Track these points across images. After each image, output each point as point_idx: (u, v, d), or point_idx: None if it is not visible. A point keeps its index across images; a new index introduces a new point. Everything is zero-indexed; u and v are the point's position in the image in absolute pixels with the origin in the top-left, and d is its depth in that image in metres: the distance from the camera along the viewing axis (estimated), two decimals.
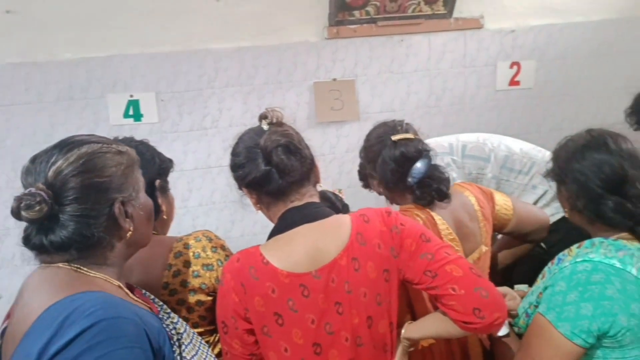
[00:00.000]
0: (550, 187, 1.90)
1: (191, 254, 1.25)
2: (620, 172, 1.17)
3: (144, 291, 1.07)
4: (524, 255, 1.73)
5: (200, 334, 1.20)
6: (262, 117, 1.17)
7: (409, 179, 1.42)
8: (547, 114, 3.23)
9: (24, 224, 0.90)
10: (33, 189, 0.86)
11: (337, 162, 3.04)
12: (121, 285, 0.94)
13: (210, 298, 1.25)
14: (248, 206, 1.23)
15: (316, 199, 1.17)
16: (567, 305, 1.11)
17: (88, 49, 2.68)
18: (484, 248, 1.50)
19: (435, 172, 1.46)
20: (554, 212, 1.89)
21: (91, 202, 0.90)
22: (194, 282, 1.23)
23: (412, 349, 1.21)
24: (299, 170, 1.11)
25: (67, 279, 0.88)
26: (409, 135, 1.45)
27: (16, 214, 0.86)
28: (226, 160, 3.09)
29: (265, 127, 1.14)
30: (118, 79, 2.72)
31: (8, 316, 0.96)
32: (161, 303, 1.07)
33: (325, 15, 2.81)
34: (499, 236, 1.78)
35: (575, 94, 3.23)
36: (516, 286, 1.50)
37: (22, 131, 2.70)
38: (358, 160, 2.95)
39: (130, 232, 0.95)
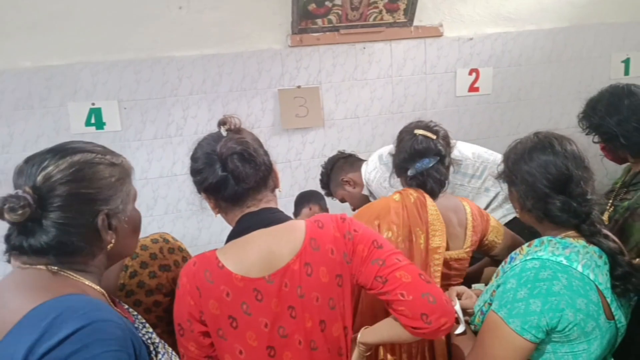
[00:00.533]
0: (502, 190, 1.99)
1: (148, 254, 1.25)
2: (565, 172, 1.23)
3: (118, 300, 1.07)
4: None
5: (159, 334, 1.20)
6: (221, 123, 1.18)
7: (411, 171, 1.55)
8: (504, 118, 3.35)
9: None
10: (20, 191, 0.86)
11: (303, 168, 3.06)
12: (104, 292, 0.95)
13: (167, 299, 1.24)
14: (210, 211, 1.24)
15: (273, 205, 1.19)
16: (517, 301, 1.14)
17: (48, 56, 2.63)
18: (463, 253, 1.59)
19: (435, 172, 1.55)
20: (505, 213, 1.97)
21: (75, 212, 0.90)
22: (151, 283, 1.23)
23: (368, 353, 1.24)
24: (253, 177, 1.12)
25: (51, 281, 0.88)
26: (430, 134, 1.56)
27: (1, 215, 0.85)
28: None
29: (223, 133, 1.15)
30: (79, 87, 2.68)
31: None
32: (135, 313, 1.07)
33: (288, 23, 2.85)
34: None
35: (530, 99, 3.36)
36: (473, 285, 1.56)
37: None
38: None
39: (111, 245, 0.96)
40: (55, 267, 0.90)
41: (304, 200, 2.68)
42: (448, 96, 3.21)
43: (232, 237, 1.15)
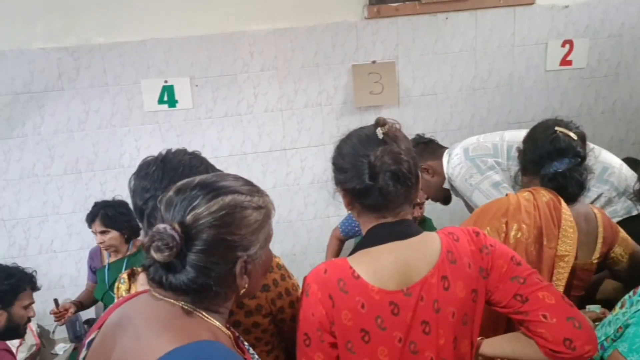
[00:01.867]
0: (606, 191, 1.80)
1: None
2: None
3: (240, 338, 1.03)
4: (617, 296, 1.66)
5: (257, 354, 1.14)
6: (380, 124, 1.09)
7: (548, 168, 1.45)
8: (599, 95, 3.03)
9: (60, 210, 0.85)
10: (168, 229, 0.83)
11: None
12: (230, 335, 0.93)
13: (266, 320, 1.18)
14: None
15: (409, 217, 1.12)
16: (638, 337, 1.06)
17: (120, 33, 2.60)
18: (590, 263, 1.48)
19: (577, 175, 1.45)
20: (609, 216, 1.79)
21: (217, 257, 0.87)
22: (250, 304, 1.16)
23: None
24: (401, 197, 1.07)
25: (186, 321, 0.86)
26: (572, 134, 1.46)
27: (147, 249, 0.85)
28: (261, 146, 3.02)
29: (379, 135, 1.07)
30: (151, 63, 2.64)
31: (98, 327, 0.93)
32: (252, 352, 1.03)
33: None
34: None
35: (629, 74, 3.02)
36: (588, 307, 1.41)
37: (55, 118, 2.66)
38: None
39: (244, 290, 0.93)
40: (190, 306, 0.88)
41: None
42: (537, 71, 2.93)
43: (364, 245, 1.09)
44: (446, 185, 2.15)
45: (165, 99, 2.67)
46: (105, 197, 2.70)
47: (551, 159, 1.44)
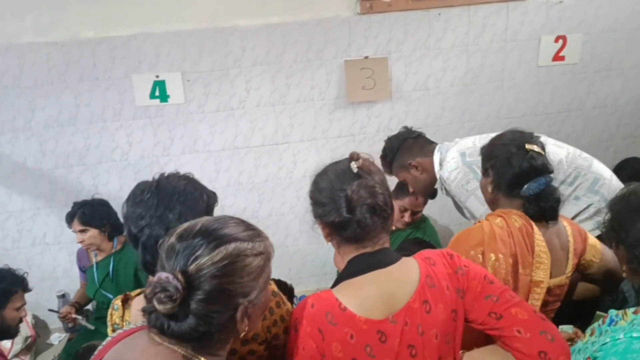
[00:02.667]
0: (596, 202, 1.82)
1: None
2: None
3: None
4: (593, 296, 1.69)
5: None
6: (354, 158, 1.13)
7: (527, 190, 1.43)
8: (591, 90, 3.04)
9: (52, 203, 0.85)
10: (171, 278, 0.84)
11: (367, 142, 2.93)
12: None
13: (262, 347, 1.20)
14: (270, 184, 1.17)
15: (387, 245, 1.16)
16: None
17: (110, 27, 2.57)
18: (564, 279, 1.49)
19: (552, 191, 1.45)
20: (593, 227, 1.80)
21: (219, 305, 0.88)
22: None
23: None
24: (378, 228, 1.11)
25: None
26: (541, 150, 1.46)
27: (149, 300, 0.85)
28: (254, 141, 3.02)
29: (354, 169, 1.11)
30: (142, 58, 2.62)
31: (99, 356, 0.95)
32: None
33: None
34: None
35: (622, 69, 3.02)
36: (560, 327, 1.44)
37: (46, 112, 2.65)
38: None
39: (244, 333, 0.95)
40: (190, 352, 0.89)
41: None
42: (529, 66, 2.93)
43: (346, 276, 1.12)
44: (437, 186, 2.17)
45: (157, 93, 2.66)
46: (97, 191, 2.71)
47: (528, 179, 1.42)
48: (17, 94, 2.60)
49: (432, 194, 2.31)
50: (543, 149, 1.47)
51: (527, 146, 1.43)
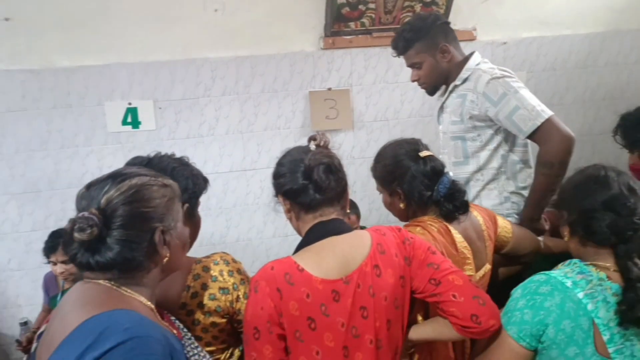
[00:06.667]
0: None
1: (208, 276, 1.29)
2: (618, 194, 1.23)
3: (173, 318, 1.13)
4: (515, 274, 1.80)
5: (211, 352, 1.25)
6: (312, 138, 1.27)
7: (437, 193, 1.49)
8: None
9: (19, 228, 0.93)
10: (87, 213, 0.93)
11: None
12: (152, 307, 1.01)
13: (224, 320, 1.28)
14: (236, 209, 1.28)
15: (341, 217, 1.27)
16: (516, 310, 1.22)
17: (85, 56, 2.69)
18: (488, 266, 1.57)
19: (458, 186, 1.53)
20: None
21: (136, 229, 0.98)
22: (210, 305, 1.27)
23: (412, 350, 1.32)
24: (333, 190, 1.21)
25: (105, 296, 0.95)
26: (431, 153, 1.53)
27: (69, 234, 0.93)
28: (222, 167, 3.13)
29: (312, 147, 1.25)
30: (116, 86, 2.74)
31: (47, 321, 1.02)
32: (186, 330, 1.13)
33: (321, 25, 2.86)
34: None
35: (563, 104, 3.31)
36: None
37: (17, 137, 2.71)
38: (352, 168, 3.02)
39: (166, 258, 1.03)
40: (114, 282, 0.97)
41: None
42: None
43: (305, 244, 1.22)
44: (458, 82, 2.04)
45: (129, 120, 2.76)
46: (66, 216, 2.73)
47: (435, 183, 1.49)
48: None
49: (434, 89, 2.17)
50: (428, 149, 1.55)
51: (421, 154, 1.50)
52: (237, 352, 1.34)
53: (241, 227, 3.06)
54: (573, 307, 1.17)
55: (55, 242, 2.38)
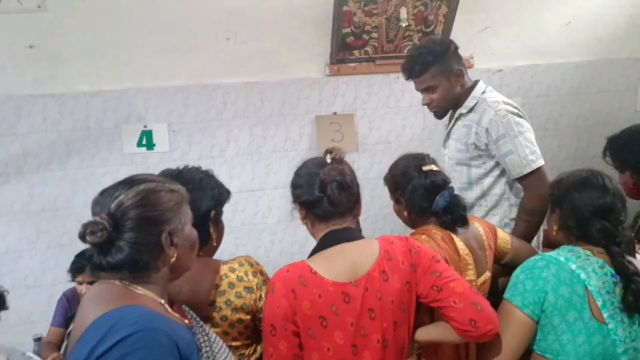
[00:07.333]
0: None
1: (235, 276, 1.40)
2: (609, 203, 1.40)
3: (183, 307, 1.22)
4: None
5: (237, 347, 1.37)
6: (328, 151, 1.41)
7: (436, 205, 1.58)
8: None
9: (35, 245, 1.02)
10: (98, 218, 1.02)
11: None
12: (163, 302, 1.10)
13: (249, 317, 1.39)
14: (251, 227, 1.40)
15: (353, 226, 1.39)
16: (518, 284, 1.38)
17: (104, 81, 2.84)
18: (488, 274, 1.67)
19: (458, 200, 1.62)
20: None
21: (144, 232, 1.05)
22: (237, 302, 1.38)
23: (419, 350, 1.42)
24: (345, 205, 1.33)
25: (118, 294, 1.04)
26: (436, 167, 1.63)
27: (82, 237, 1.02)
28: (232, 187, 3.23)
29: (328, 160, 1.37)
30: (132, 110, 2.88)
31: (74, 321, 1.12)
32: (198, 318, 1.22)
33: (327, 53, 3.02)
34: None
35: (557, 129, 3.46)
36: None
37: (38, 158, 2.83)
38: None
39: (174, 259, 1.11)
40: (126, 282, 1.06)
41: None
42: None
43: (318, 249, 1.33)
44: (464, 110, 2.11)
45: (144, 142, 2.90)
46: None
47: (435, 196, 1.58)
48: (11, 140, 2.78)
49: (445, 113, 2.23)
50: (436, 164, 1.64)
51: (424, 168, 1.60)
52: (259, 349, 1.44)
53: (249, 246, 3.16)
54: (568, 276, 1.33)
55: (82, 263, 2.38)
